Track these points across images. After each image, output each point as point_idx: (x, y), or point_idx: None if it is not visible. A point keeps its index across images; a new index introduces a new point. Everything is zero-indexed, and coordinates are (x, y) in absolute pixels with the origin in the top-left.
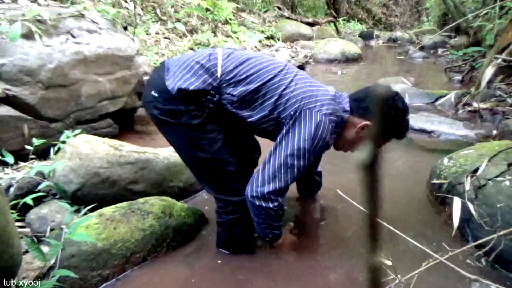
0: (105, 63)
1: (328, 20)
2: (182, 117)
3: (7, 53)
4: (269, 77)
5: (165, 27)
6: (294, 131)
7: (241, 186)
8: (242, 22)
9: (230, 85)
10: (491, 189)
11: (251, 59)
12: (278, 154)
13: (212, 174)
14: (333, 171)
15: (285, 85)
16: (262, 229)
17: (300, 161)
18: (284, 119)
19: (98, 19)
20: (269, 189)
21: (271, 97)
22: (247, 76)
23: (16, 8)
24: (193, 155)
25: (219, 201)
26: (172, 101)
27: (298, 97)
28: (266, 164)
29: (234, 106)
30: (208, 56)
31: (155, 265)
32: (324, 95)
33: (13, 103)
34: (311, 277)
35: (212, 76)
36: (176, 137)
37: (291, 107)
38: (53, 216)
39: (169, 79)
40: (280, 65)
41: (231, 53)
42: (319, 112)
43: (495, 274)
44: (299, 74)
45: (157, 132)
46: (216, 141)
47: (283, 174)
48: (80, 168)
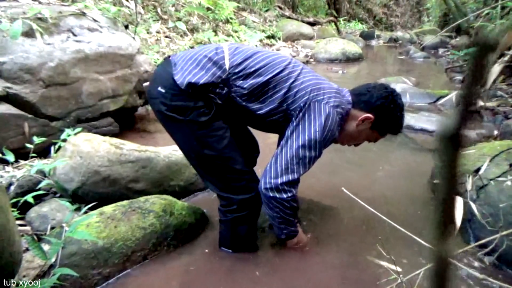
0: (106, 61)
1: (329, 19)
2: (190, 114)
3: (8, 51)
4: (277, 70)
5: (166, 26)
6: (304, 123)
7: (246, 184)
8: (243, 21)
9: (240, 78)
10: (492, 189)
11: (258, 53)
12: (290, 145)
13: (217, 172)
14: (336, 170)
15: (293, 77)
16: (277, 224)
17: (311, 152)
18: (294, 111)
19: (99, 18)
20: (282, 180)
21: (281, 89)
22: (256, 70)
23: (17, 6)
24: (199, 153)
25: (223, 199)
26: (180, 97)
27: (307, 89)
28: (278, 156)
29: (243, 99)
30: (215, 50)
31: (156, 264)
32: (330, 87)
33: (13, 101)
34: (316, 274)
35: (220, 68)
36: (182, 134)
37: (301, 99)
38: (53, 214)
39: (178, 74)
40: (287, 59)
41: (237, 47)
42: (328, 104)
43: (498, 274)
44: (305, 68)
45: (158, 131)
46: (223, 139)
47: (295, 165)
48: (80, 166)
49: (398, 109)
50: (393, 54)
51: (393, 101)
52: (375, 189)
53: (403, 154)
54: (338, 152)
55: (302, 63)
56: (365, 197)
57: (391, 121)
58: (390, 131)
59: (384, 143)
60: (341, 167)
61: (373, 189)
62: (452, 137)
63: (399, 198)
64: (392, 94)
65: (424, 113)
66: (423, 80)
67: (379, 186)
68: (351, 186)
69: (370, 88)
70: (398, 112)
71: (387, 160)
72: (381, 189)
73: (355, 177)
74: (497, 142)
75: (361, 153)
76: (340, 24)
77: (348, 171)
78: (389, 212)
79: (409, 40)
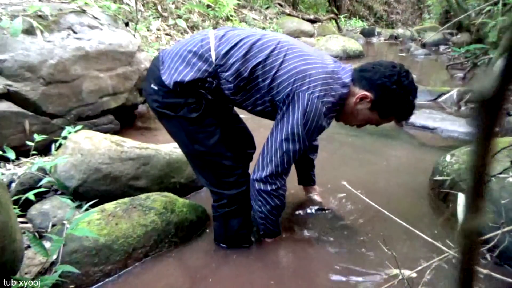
0: (107, 59)
1: (329, 17)
2: (180, 110)
3: (8, 48)
4: (260, 59)
5: (166, 24)
6: (288, 115)
7: (236, 180)
8: (243, 18)
9: (225, 70)
10: (494, 185)
11: (243, 40)
12: (274, 139)
13: (208, 167)
14: (336, 166)
15: (276, 67)
16: (258, 218)
17: (295, 145)
18: (278, 102)
19: (99, 15)
20: (267, 172)
21: (264, 79)
22: (240, 59)
23: (17, 4)
24: (190, 148)
25: (214, 194)
26: (170, 95)
27: (291, 79)
28: (264, 148)
29: (230, 92)
30: (200, 42)
31: (157, 261)
32: (318, 72)
33: (14, 99)
34: (315, 268)
35: (206, 62)
36: (175, 130)
37: (284, 91)
38: (54, 212)
39: (165, 73)
40: (273, 43)
41: (223, 35)
42: (312, 95)
43: (499, 271)
44: (291, 51)
45: (158, 128)
46: (214, 135)
47: (279, 158)
48: (81, 164)
49: (404, 91)
50: (394, 51)
51: (398, 81)
52: (375, 186)
53: (404, 151)
54: (339, 149)
55: (289, 42)
56: (366, 192)
57: (394, 103)
58: (395, 115)
59: (385, 139)
60: (341, 164)
61: (374, 186)
62: (490, 100)
63: (400, 194)
64: (399, 74)
65: (425, 110)
66: (424, 77)
67: (380, 183)
68: (352, 182)
69: (377, 64)
70: (404, 95)
71: (388, 157)
72: (382, 186)
73: (355, 173)
74: (498, 139)
75: (361, 149)
76: (341, 21)
77: (349, 168)
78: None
79: (410, 37)
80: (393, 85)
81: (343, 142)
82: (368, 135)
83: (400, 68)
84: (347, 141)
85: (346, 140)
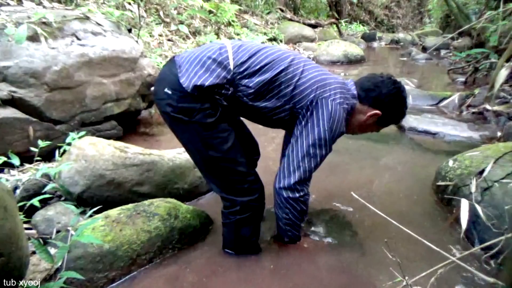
0: (110, 65)
1: (330, 22)
2: (196, 115)
3: (13, 55)
4: (282, 67)
5: (168, 29)
6: (313, 121)
7: (249, 187)
8: (244, 24)
9: (245, 77)
10: (497, 191)
11: (262, 50)
12: (300, 145)
13: (221, 173)
14: (339, 172)
15: (298, 75)
16: (283, 225)
17: (322, 150)
18: (300, 109)
19: (102, 21)
20: (295, 179)
21: (287, 87)
22: (261, 67)
23: (22, 11)
24: (204, 154)
25: (226, 201)
26: (186, 99)
27: (313, 86)
28: (290, 155)
29: (250, 98)
30: (218, 49)
31: (161, 267)
32: (335, 82)
33: (18, 105)
34: (320, 276)
35: (225, 69)
36: (189, 135)
37: (307, 97)
38: (59, 218)
39: (183, 76)
40: (290, 55)
41: (240, 45)
42: (334, 101)
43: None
44: (308, 62)
45: (161, 134)
46: (228, 141)
47: (307, 164)
48: (85, 170)
49: (404, 103)
50: (395, 55)
51: (401, 97)
52: (378, 190)
53: (406, 156)
54: (341, 155)
55: (303, 56)
56: (369, 198)
57: (397, 115)
58: (394, 123)
59: (386, 144)
60: (344, 169)
61: (376, 190)
62: None
63: (403, 199)
64: (400, 90)
65: (427, 115)
66: (426, 81)
67: (382, 188)
68: (355, 188)
69: (378, 83)
70: (404, 106)
71: (390, 162)
72: (384, 191)
73: (358, 178)
74: (501, 144)
75: (364, 154)
76: (342, 26)
77: (351, 173)
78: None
79: (410, 42)
80: (398, 102)
81: (345, 147)
82: (369, 140)
83: (398, 83)
84: (349, 146)
85: (347, 145)
